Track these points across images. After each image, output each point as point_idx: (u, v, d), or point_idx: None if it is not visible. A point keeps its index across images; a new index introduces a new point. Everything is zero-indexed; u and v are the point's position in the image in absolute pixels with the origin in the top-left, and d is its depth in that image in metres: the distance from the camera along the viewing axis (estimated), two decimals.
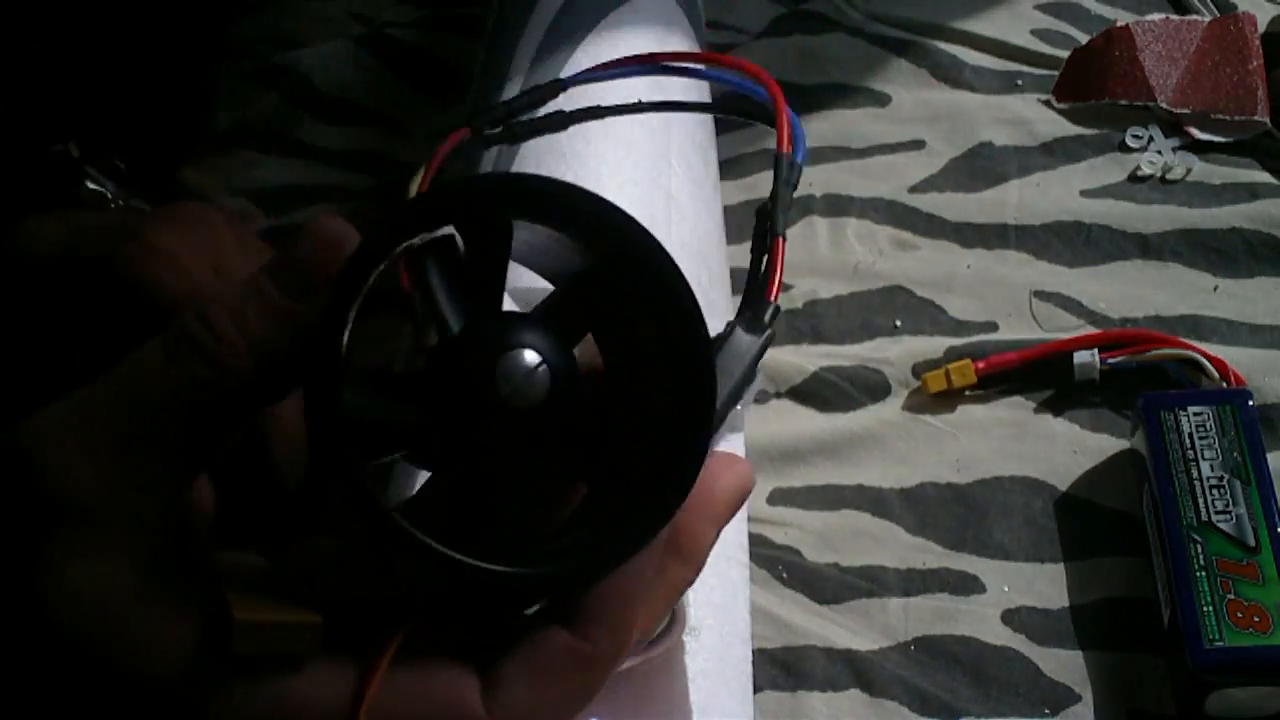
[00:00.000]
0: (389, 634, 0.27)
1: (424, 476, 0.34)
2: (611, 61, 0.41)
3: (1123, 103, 0.69)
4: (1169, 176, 0.67)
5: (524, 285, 0.31)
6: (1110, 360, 0.59)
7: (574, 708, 0.29)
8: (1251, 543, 0.51)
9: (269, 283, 0.28)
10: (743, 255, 0.65)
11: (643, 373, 0.29)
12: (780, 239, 0.33)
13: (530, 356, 0.27)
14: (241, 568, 0.29)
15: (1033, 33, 0.74)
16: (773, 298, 0.32)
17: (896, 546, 0.57)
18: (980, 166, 0.69)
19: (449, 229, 0.28)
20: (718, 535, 0.31)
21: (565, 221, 0.28)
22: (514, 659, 0.28)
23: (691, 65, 0.41)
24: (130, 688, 0.26)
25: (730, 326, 0.32)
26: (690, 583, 0.30)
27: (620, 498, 0.28)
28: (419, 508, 0.30)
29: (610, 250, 0.28)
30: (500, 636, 0.28)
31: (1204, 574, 0.50)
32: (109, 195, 0.45)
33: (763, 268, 0.33)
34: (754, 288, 0.32)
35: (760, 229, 0.33)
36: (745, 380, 0.31)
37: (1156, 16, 0.72)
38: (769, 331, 0.31)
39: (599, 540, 0.28)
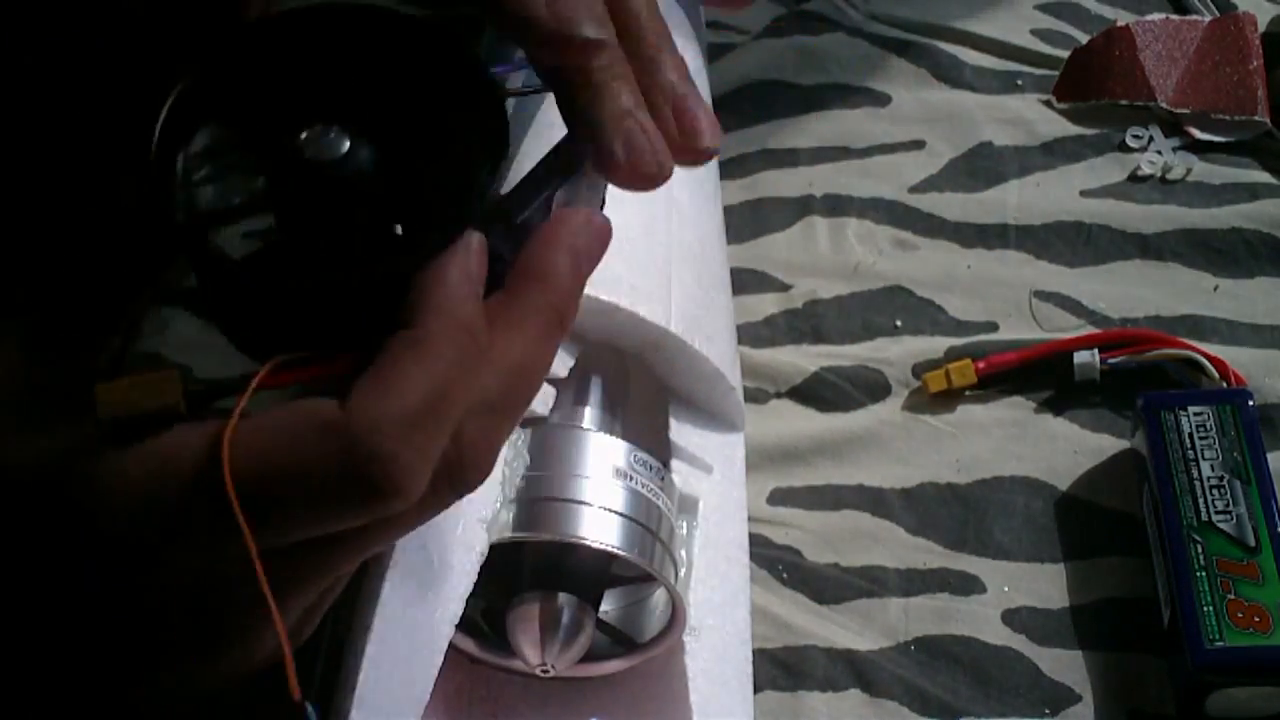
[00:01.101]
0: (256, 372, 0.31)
1: None
2: None
3: (1123, 103, 0.69)
4: (1169, 176, 0.67)
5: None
6: (1110, 360, 0.59)
7: (424, 399, 0.31)
8: (1251, 543, 0.51)
9: None
10: (743, 255, 0.66)
11: (450, 137, 0.35)
12: None
13: (328, 127, 0.33)
14: None
15: (1033, 33, 0.74)
16: None
17: (896, 546, 0.57)
18: (980, 166, 0.69)
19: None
20: (574, 267, 0.34)
21: (359, 41, 0.35)
22: (362, 374, 0.31)
23: None
24: (27, 486, 0.31)
25: None
26: (556, 309, 0.33)
27: (427, 229, 0.33)
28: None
29: (409, 49, 0.35)
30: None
31: (1204, 574, 0.50)
32: None
33: None
34: None
35: None
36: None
37: (1156, 16, 0.72)
38: None
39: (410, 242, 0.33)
